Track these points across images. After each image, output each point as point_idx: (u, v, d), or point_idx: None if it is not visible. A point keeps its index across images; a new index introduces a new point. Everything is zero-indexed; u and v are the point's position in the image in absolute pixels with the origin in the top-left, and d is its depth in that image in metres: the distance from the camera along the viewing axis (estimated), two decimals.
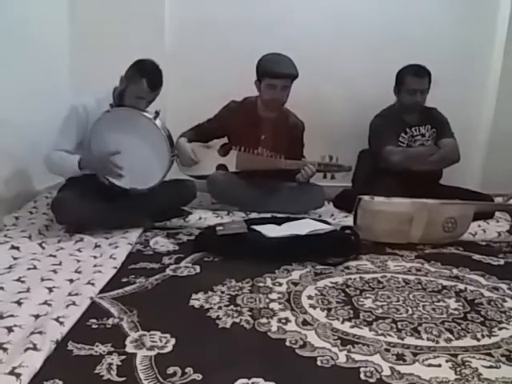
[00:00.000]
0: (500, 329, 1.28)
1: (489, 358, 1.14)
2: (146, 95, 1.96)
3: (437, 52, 2.64)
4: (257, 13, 2.69)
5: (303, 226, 1.87)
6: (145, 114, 1.98)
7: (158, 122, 1.98)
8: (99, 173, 1.95)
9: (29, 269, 1.54)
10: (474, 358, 1.13)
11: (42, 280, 1.46)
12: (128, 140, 1.95)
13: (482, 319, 1.34)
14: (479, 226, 2.22)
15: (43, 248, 1.75)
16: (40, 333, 1.11)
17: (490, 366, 1.10)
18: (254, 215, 2.25)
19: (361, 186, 2.48)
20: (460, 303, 1.44)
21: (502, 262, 1.83)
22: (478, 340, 1.22)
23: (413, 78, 2.42)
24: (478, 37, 2.78)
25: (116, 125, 1.94)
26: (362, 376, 1.05)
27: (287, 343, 1.17)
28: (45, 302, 1.31)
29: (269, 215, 2.20)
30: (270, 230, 1.83)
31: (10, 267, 1.55)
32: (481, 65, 2.81)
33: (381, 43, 2.72)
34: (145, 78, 1.93)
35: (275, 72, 2.28)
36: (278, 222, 1.97)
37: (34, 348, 1.05)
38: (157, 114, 1.98)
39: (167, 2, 2.68)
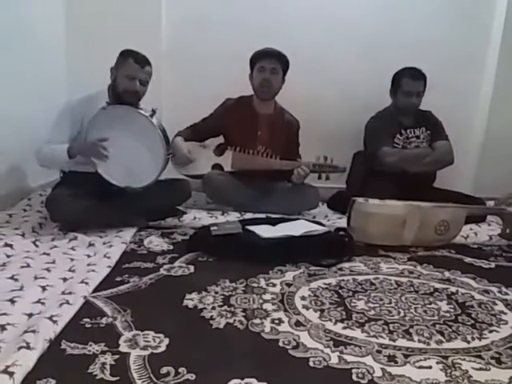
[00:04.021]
0: (490, 331, 1.30)
1: (479, 360, 1.15)
2: (136, 73, 1.96)
3: (432, 55, 2.66)
4: (253, 12, 2.69)
5: (297, 227, 1.88)
6: (141, 111, 1.98)
7: (154, 120, 1.98)
8: (86, 156, 1.93)
9: (22, 267, 1.53)
10: (464, 360, 1.15)
11: (36, 278, 1.46)
12: (123, 138, 1.95)
13: (473, 322, 1.35)
14: (471, 229, 2.24)
15: (37, 246, 1.74)
16: (33, 331, 1.11)
17: (480, 369, 1.12)
18: (248, 215, 2.26)
19: (355, 187, 2.49)
20: (451, 306, 1.46)
21: (493, 265, 1.85)
22: (469, 342, 1.24)
23: (409, 81, 2.44)
24: (473, 41, 2.80)
25: (112, 122, 1.93)
26: (353, 377, 1.06)
27: (280, 344, 1.18)
28: (38, 301, 1.31)
29: (263, 216, 2.20)
30: (265, 231, 1.83)
31: (3, 265, 1.54)
32: (475, 69, 2.83)
33: (376, 46, 2.73)
34: (130, 57, 1.97)
35: (262, 52, 2.37)
36: (273, 222, 1.97)
37: (28, 347, 1.05)
38: (153, 112, 1.98)
39: (164, 1, 2.67)
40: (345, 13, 2.73)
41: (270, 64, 2.35)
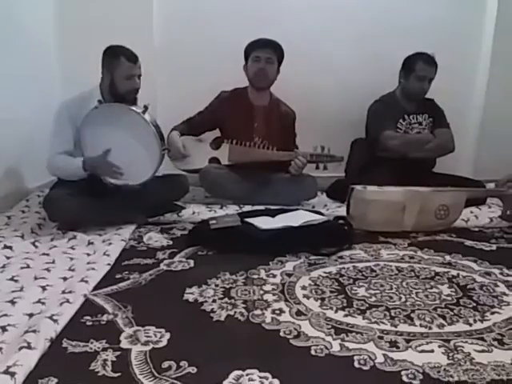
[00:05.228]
0: (492, 313, 1.30)
1: (481, 342, 1.15)
2: (132, 71, 1.97)
3: (426, 40, 2.62)
4: (246, 5, 2.66)
5: (297, 218, 1.88)
6: (133, 108, 1.96)
7: (147, 116, 1.97)
8: (101, 175, 1.94)
9: (22, 268, 1.54)
10: (466, 342, 1.15)
11: (36, 279, 1.46)
12: (118, 136, 1.94)
13: (475, 304, 1.35)
14: (471, 212, 2.23)
15: (36, 247, 1.74)
16: (34, 331, 1.11)
17: (482, 351, 1.12)
18: (247, 208, 2.25)
19: (354, 175, 2.47)
20: (453, 289, 1.45)
21: (494, 247, 1.85)
22: (471, 325, 1.24)
23: (423, 65, 2.41)
24: (468, 21, 2.77)
25: (105, 121, 1.93)
26: (355, 364, 1.06)
27: (281, 334, 1.18)
28: (38, 301, 1.31)
29: (262, 207, 2.20)
30: (264, 222, 1.83)
31: (3, 266, 1.55)
32: (471, 52, 2.81)
33: (371, 31, 2.70)
34: (120, 55, 1.95)
35: (257, 42, 2.36)
36: (272, 213, 1.97)
37: (29, 347, 1.05)
38: (145, 108, 1.97)
39: None
40: (339, 1, 2.70)
41: (265, 54, 2.34)
